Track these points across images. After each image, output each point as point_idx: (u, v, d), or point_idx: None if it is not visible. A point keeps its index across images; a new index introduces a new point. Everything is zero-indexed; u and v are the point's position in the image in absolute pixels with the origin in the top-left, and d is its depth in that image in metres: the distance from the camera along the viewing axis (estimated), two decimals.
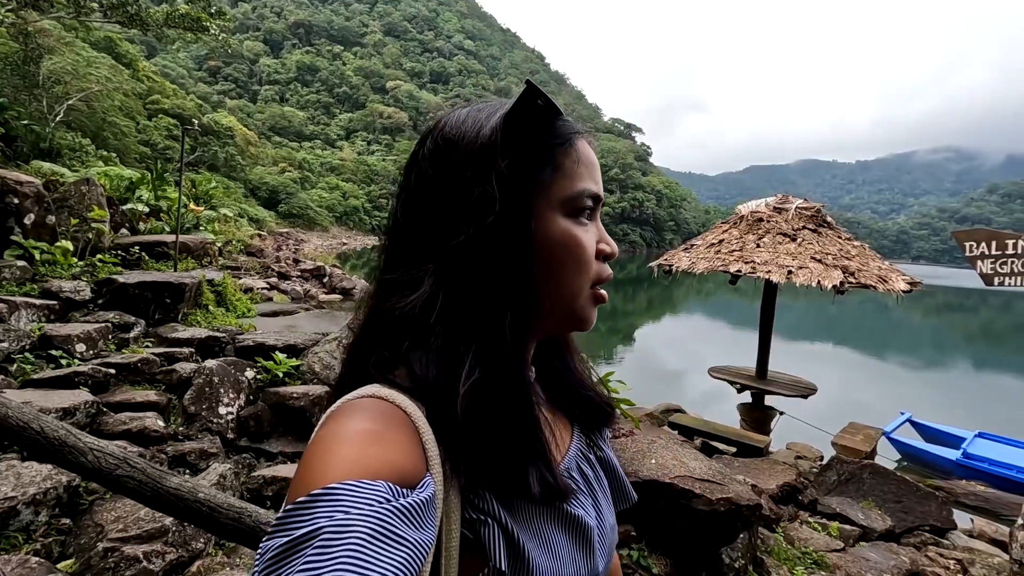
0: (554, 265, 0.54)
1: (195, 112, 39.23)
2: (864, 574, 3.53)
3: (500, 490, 0.50)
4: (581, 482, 0.63)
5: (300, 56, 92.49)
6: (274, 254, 20.54)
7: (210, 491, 1.07)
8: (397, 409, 0.47)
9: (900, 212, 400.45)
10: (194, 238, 6.15)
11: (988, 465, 6.98)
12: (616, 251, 0.60)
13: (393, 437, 0.44)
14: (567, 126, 0.57)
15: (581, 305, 0.57)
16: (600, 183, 0.59)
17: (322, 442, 0.43)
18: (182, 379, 3.38)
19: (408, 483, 0.42)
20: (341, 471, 0.39)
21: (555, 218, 0.54)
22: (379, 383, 0.50)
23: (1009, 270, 3.51)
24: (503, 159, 0.52)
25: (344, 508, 0.36)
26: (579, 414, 0.69)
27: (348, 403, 0.47)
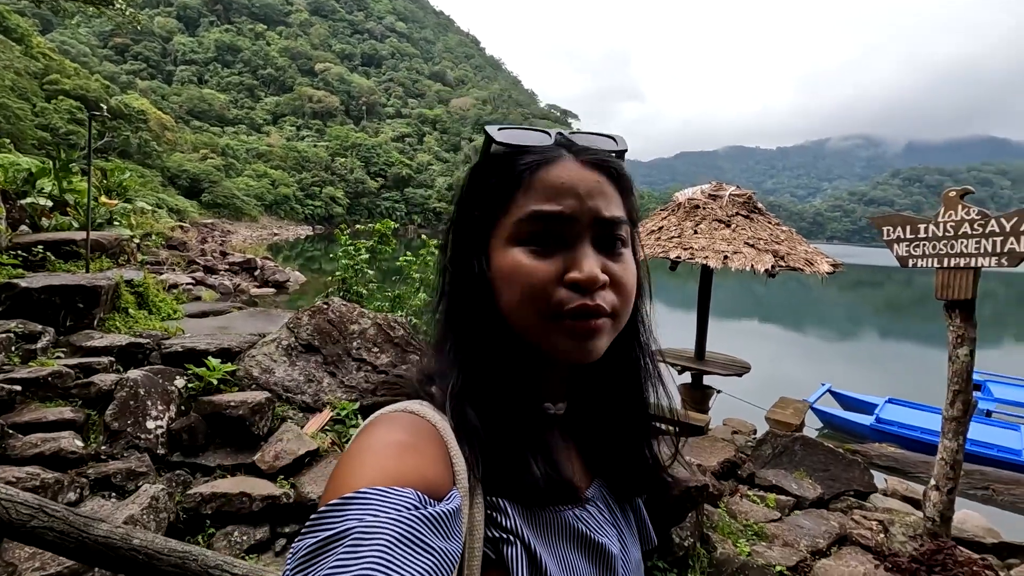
0: (504, 295, 0.54)
1: (101, 93, 35.99)
2: (799, 541, 3.76)
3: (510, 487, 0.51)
4: (606, 511, 0.63)
5: (219, 35, 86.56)
6: (198, 247, 19.36)
7: (146, 536, 0.96)
8: (427, 423, 0.50)
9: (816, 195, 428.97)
10: (108, 234, 5.60)
11: (897, 428, 7.64)
12: (589, 276, 0.51)
13: (422, 449, 0.47)
14: (530, 156, 0.55)
15: (545, 336, 0.53)
16: (575, 201, 0.53)
17: (356, 451, 0.47)
18: (102, 392, 3.07)
19: (436, 494, 0.44)
20: (372, 477, 0.42)
21: (505, 250, 0.54)
22: (417, 398, 0.55)
23: (922, 252, 3.79)
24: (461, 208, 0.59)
25: (374, 511, 0.38)
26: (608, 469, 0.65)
27: (383, 415, 0.52)
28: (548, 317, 0.52)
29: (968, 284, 3.52)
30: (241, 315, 5.39)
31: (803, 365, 13.41)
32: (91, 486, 2.52)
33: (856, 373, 12.65)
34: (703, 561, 3.30)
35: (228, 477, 2.87)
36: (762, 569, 3.31)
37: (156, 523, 2.27)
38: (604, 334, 0.54)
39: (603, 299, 0.52)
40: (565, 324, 0.52)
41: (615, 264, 0.54)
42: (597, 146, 0.58)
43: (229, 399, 3.14)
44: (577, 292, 0.52)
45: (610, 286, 0.53)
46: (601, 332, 0.53)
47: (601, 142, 0.59)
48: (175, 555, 0.93)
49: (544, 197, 0.53)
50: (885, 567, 3.38)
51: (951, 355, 3.61)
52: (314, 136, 75.83)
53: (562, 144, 0.57)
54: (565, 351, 0.53)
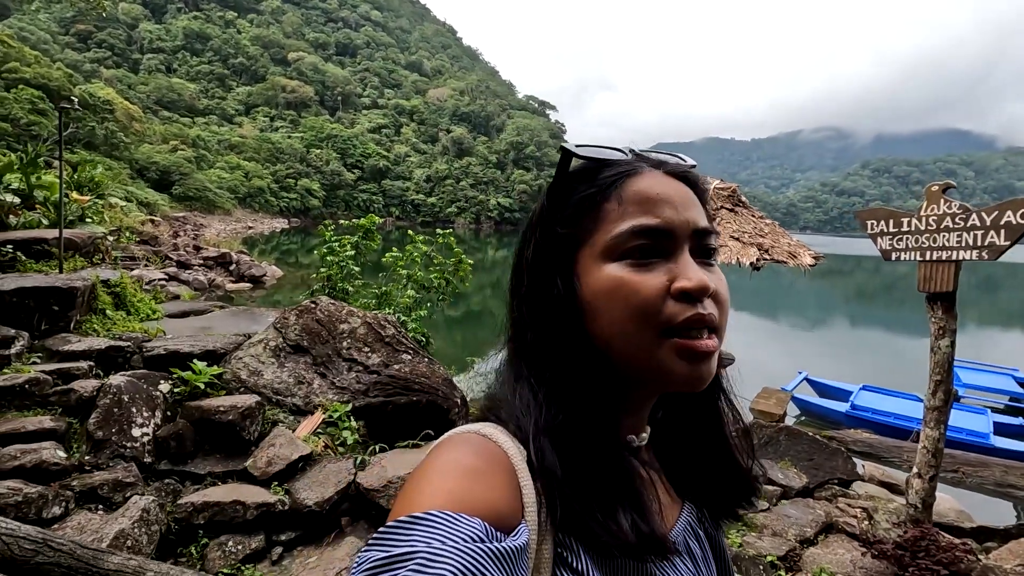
0: (603, 316, 0.50)
1: (64, 83, 34.57)
2: (788, 530, 3.84)
3: (591, 536, 0.47)
4: (689, 561, 0.58)
5: (187, 22, 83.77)
6: (171, 241, 18.88)
7: (161, 567, 0.91)
8: (499, 449, 0.48)
9: (789, 186, 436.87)
10: (81, 232, 5.37)
11: (871, 414, 7.86)
12: (699, 284, 0.48)
13: (493, 476, 0.45)
14: (613, 169, 0.54)
15: (656, 357, 0.49)
16: (672, 212, 0.51)
17: (429, 469, 0.45)
18: (83, 399, 2.95)
19: (503, 526, 0.42)
20: (441, 500, 0.41)
21: (599, 267, 0.51)
22: (491, 421, 0.53)
23: (904, 245, 3.87)
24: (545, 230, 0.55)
25: (441, 538, 0.37)
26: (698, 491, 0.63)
27: (456, 435, 0.50)
28: (658, 335, 0.49)
29: (949, 277, 3.60)
30: (223, 314, 5.24)
31: (780, 354, 13.69)
32: (76, 499, 2.42)
33: (829, 360, 12.96)
34: None
35: (219, 485, 2.79)
36: (753, 560, 3.36)
37: (148, 536, 2.19)
38: (715, 354, 0.50)
39: (711, 309, 0.50)
40: (677, 344, 0.49)
41: (712, 275, 0.51)
42: (669, 160, 0.58)
43: (218, 404, 3.05)
44: (686, 303, 0.49)
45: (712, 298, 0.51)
46: (713, 353, 0.50)
47: (671, 158, 0.58)
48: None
49: (641, 209, 0.51)
50: (871, 554, 3.46)
51: (933, 346, 3.70)
52: (288, 127, 74.21)
53: (640, 157, 0.56)
54: (678, 376, 0.49)
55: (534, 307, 0.55)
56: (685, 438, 0.62)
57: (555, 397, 0.52)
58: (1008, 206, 3.37)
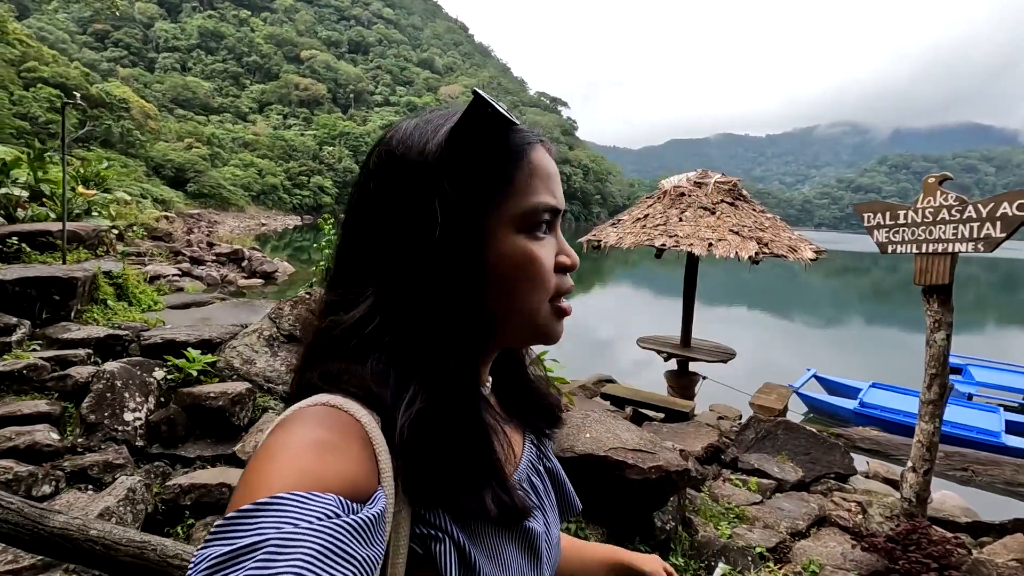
0: (510, 284, 0.52)
1: (81, 81, 35.19)
2: (780, 523, 3.83)
3: (457, 510, 0.49)
4: (532, 494, 0.62)
5: (202, 21, 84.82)
6: (184, 238, 19.13)
7: (104, 526, 0.94)
8: (351, 418, 0.45)
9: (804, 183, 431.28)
10: (85, 225, 5.48)
11: (880, 412, 7.78)
12: (577, 262, 0.58)
13: (346, 447, 0.43)
14: (520, 136, 0.54)
15: (543, 321, 0.56)
16: (559, 194, 0.57)
17: (271, 449, 0.41)
18: (78, 385, 3.03)
19: (359, 496, 0.41)
20: (290, 481, 0.38)
21: (508, 236, 0.52)
22: (332, 392, 0.47)
23: (901, 238, 3.82)
24: (448, 177, 0.50)
25: (293, 520, 0.35)
26: (532, 420, 0.69)
27: (300, 410, 0.46)
28: (548, 303, 0.55)
29: (945, 269, 3.56)
30: (224, 306, 5.33)
31: (790, 351, 13.56)
32: (67, 479, 2.49)
33: (842, 358, 12.82)
34: (685, 544, 3.35)
35: (208, 468, 2.86)
36: (742, 551, 3.36)
37: (133, 515, 2.26)
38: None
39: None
40: (557, 308, 0.56)
41: None
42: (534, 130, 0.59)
43: (209, 390, 3.12)
44: (564, 275, 0.57)
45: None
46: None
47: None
48: (133, 545, 0.93)
49: (544, 184, 0.54)
50: (862, 547, 3.44)
51: (928, 339, 3.66)
52: (301, 125, 74.81)
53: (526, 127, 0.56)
54: (554, 333, 0.57)
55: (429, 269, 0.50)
56: (509, 377, 0.69)
57: (425, 363, 0.49)
58: (1004, 198, 3.32)
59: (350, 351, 0.50)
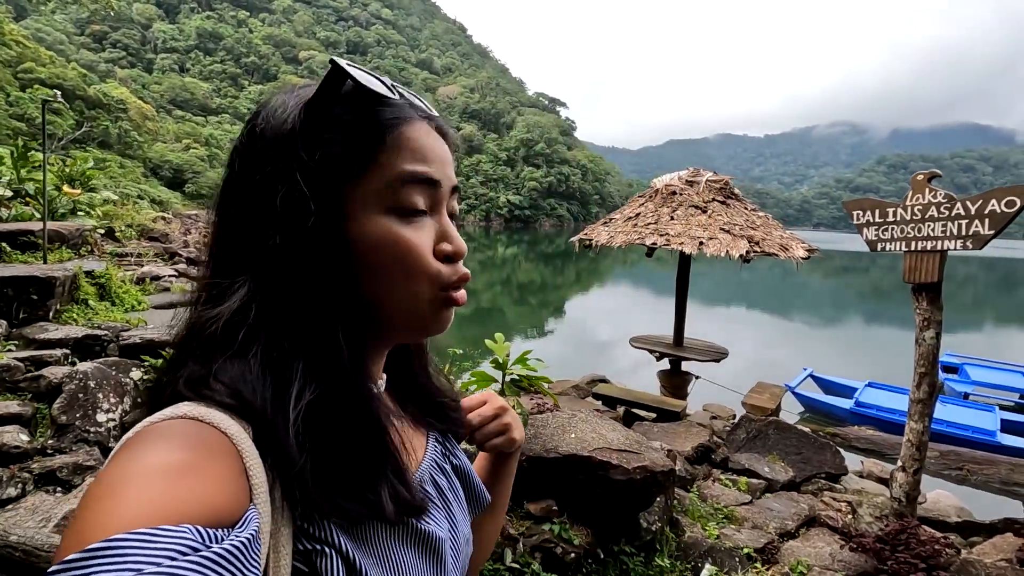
0: (378, 271, 0.48)
1: (79, 82, 35.12)
2: (768, 523, 3.79)
3: (346, 514, 0.44)
4: (435, 495, 0.60)
5: (200, 22, 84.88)
6: (182, 238, 19.06)
7: (25, 533, 0.90)
8: (215, 431, 0.39)
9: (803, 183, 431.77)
10: (69, 225, 5.42)
11: (876, 411, 7.75)
12: (462, 250, 0.53)
13: (207, 467, 0.37)
14: (394, 110, 0.50)
15: (422, 311, 0.51)
16: (443, 172, 0.52)
17: (108, 480, 0.34)
18: (52, 385, 2.97)
19: (227, 520, 0.35)
20: (132, 517, 0.31)
21: (372, 217, 0.48)
22: (194, 401, 0.42)
23: (890, 236, 3.79)
24: (304, 152, 0.46)
25: (134, 565, 0.29)
26: (433, 421, 0.66)
27: (151, 427, 0.39)
28: (434, 292, 0.51)
29: (934, 267, 3.52)
30: None
31: (785, 351, 13.53)
32: (35, 481, 2.43)
33: (839, 358, 12.79)
34: (671, 545, 3.30)
35: None
36: (730, 551, 3.32)
37: None
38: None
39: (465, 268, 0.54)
40: (443, 298, 0.52)
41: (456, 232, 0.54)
42: (427, 109, 0.55)
43: None
44: (451, 264, 0.52)
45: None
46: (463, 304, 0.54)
47: (425, 105, 0.55)
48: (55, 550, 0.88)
49: (414, 158, 0.49)
50: (850, 547, 3.41)
51: (918, 337, 3.63)
52: None
53: (407, 102, 0.52)
54: (436, 325, 0.53)
55: (291, 257, 0.46)
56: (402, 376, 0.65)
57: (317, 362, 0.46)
58: (992, 194, 3.29)
59: (223, 348, 0.45)
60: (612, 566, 3.06)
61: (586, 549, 2.82)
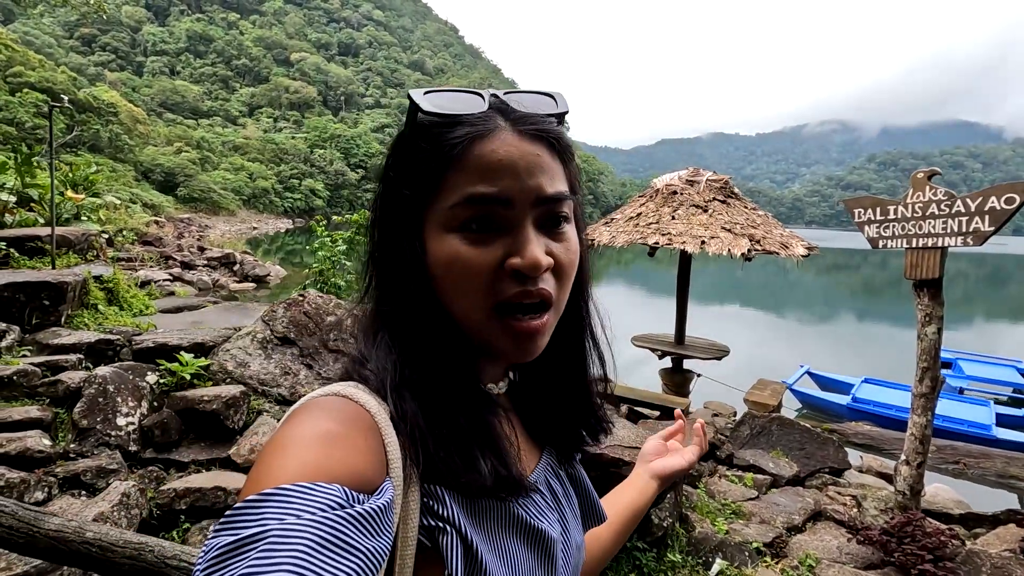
0: (444, 285, 0.52)
1: (68, 86, 34.86)
2: (775, 518, 3.85)
3: (453, 481, 0.49)
4: (548, 496, 0.62)
5: (190, 24, 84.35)
6: (175, 242, 18.98)
7: (101, 529, 0.94)
8: (360, 408, 0.46)
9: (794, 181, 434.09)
10: (75, 230, 5.42)
11: (873, 407, 7.84)
12: (532, 262, 0.48)
13: (354, 438, 0.43)
14: (462, 129, 0.50)
15: (486, 334, 0.52)
16: (514, 181, 0.49)
17: (280, 441, 0.42)
18: (70, 390, 3.00)
19: (367, 487, 0.41)
20: (295, 472, 0.38)
21: (441, 237, 0.50)
22: (352, 380, 0.51)
23: (891, 233, 3.86)
24: (386, 184, 0.55)
25: (296, 511, 0.35)
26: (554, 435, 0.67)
27: (312, 401, 0.47)
28: (491, 310, 0.50)
29: (935, 264, 3.59)
30: (216, 309, 5.29)
31: (783, 348, 13.64)
32: (60, 485, 2.46)
33: (835, 354, 12.91)
34: (682, 540, 3.35)
35: (203, 472, 2.83)
36: (739, 546, 3.37)
37: (128, 519, 2.24)
38: (546, 332, 0.53)
39: (547, 284, 0.51)
40: (506, 323, 0.50)
41: (557, 245, 0.52)
42: (535, 109, 0.53)
43: (202, 394, 3.09)
44: (518, 280, 0.49)
45: (552, 270, 0.51)
46: (543, 331, 0.52)
47: (540, 103, 0.54)
48: (130, 547, 0.92)
49: (480, 177, 0.49)
50: (857, 540, 3.46)
51: (920, 333, 3.69)
52: (292, 128, 74.52)
53: (498, 109, 0.52)
54: (506, 352, 0.53)
55: (387, 269, 0.55)
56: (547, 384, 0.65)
57: (410, 352, 0.52)
58: (992, 192, 3.36)
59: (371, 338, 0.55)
60: (625, 562, 3.11)
61: None
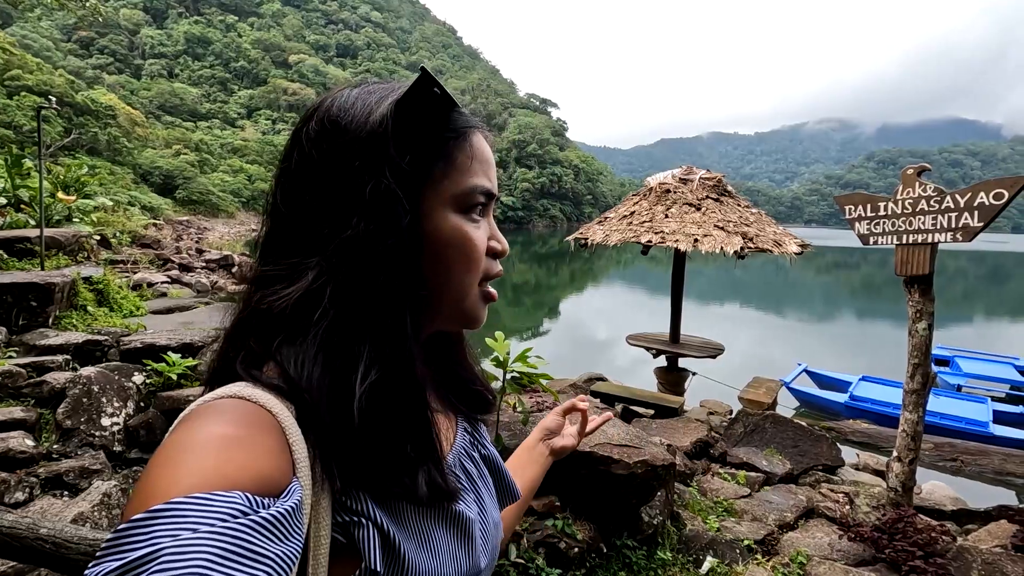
0: (443, 262, 0.54)
1: (66, 89, 34.82)
2: (768, 515, 3.83)
3: (382, 493, 0.48)
4: (464, 479, 0.62)
5: (188, 27, 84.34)
6: (173, 244, 18.99)
7: (55, 526, 0.92)
8: (262, 410, 0.43)
9: (794, 180, 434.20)
10: (65, 231, 5.40)
11: (870, 405, 7.82)
12: (507, 248, 0.61)
13: (255, 441, 0.40)
14: (462, 119, 0.55)
15: (471, 303, 0.58)
16: (494, 180, 0.58)
17: (169, 450, 0.39)
18: (55, 391, 2.98)
19: (273, 490, 0.39)
20: (189, 483, 0.35)
21: (445, 214, 0.53)
22: (245, 381, 0.46)
23: (882, 230, 3.85)
24: (394, 149, 0.50)
25: (191, 525, 0.32)
26: (463, 407, 0.69)
27: (205, 404, 0.43)
28: (477, 286, 0.57)
29: (925, 260, 3.58)
30: (207, 310, 5.27)
31: (780, 346, 13.63)
32: (41, 485, 2.45)
33: (833, 352, 12.90)
34: (672, 538, 3.34)
35: None
36: (730, 544, 3.36)
37: (108, 519, 2.22)
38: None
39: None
40: (484, 293, 0.59)
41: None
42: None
43: (189, 394, 3.08)
44: (495, 259, 0.60)
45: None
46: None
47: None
48: (84, 543, 0.91)
49: (481, 168, 0.55)
50: (849, 537, 3.45)
51: (911, 329, 3.69)
52: (290, 129, 73.33)
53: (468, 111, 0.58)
54: (479, 318, 0.59)
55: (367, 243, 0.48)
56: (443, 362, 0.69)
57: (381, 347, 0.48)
58: (981, 187, 3.36)
59: (284, 329, 0.48)
60: (615, 560, 3.09)
61: (589, 543, 2.85)
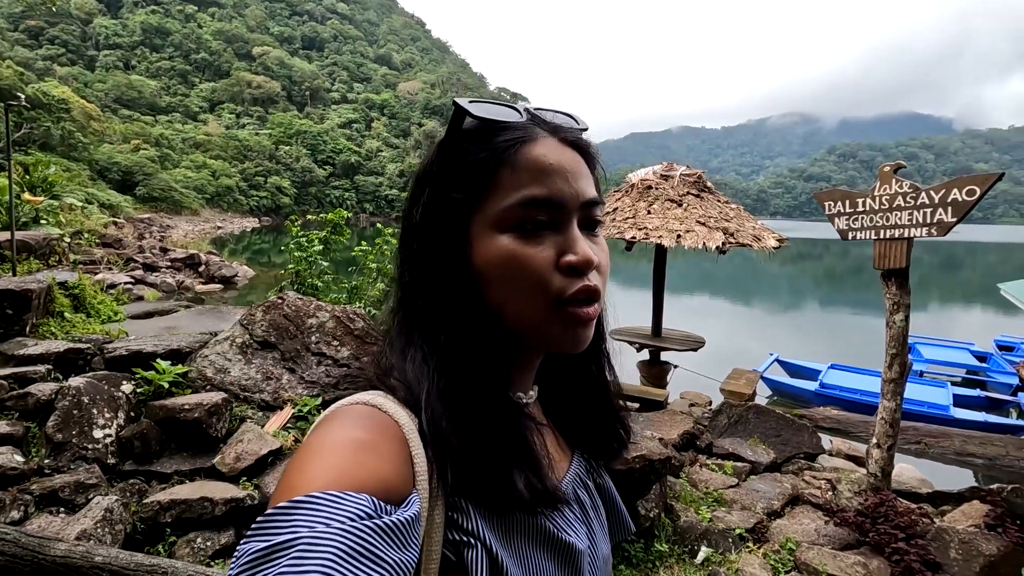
0: (497, 285, 0.52)
1: (15, 81, 33.10)
2: (756, 504, 3.96)
3: (486, 498, 0.49)
4: (577, 508, 0.61)
5: (145, 16, 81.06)
6: (136, 244, 18.35)
7: (109, 552, 0.91)
8: (389, 419, 0.47)
9: (759, 173, 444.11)
10: (35, 234, 5.17)
11: (839, 392, 8.12)
12: (586, 258, 0.51)
13: (383, 448, 0.44)
14: (509, 134, 0.52)
15: (549, 326, 0.52)
16: (564, 184, 0.52)
17: (310, 447, 0.43)
18: (40, 403, 2.87)
19: (394, 498, 0.41)
20: (326, 480, 0.39)
21: (492, 237, 0.51)
22: (377, 390, 0.51)
23: (860, 225, 4.00)
24: (431, 187, 0.54)
25: (325, 520, 0.36)
26: (586, 440, 0.66)
27: (341, 408, 0.48)
28: (549, 306, 0.51)
29: (902, 254, 3.74)
30: (189, 314, 5.13)
31: (753, 337, 13.99)
32: (36, 502, 2.36)
33: (801, 341, 13.31)
34: (668, 530, 3.43)
35: (187, 482, 2.76)
36: (723, 533, 3.47)
37: (112, 536, 2.16)
38: (595, 320, 0.54)
39: (595, 280, 0.53)
40: (565, 312, 0.51)
41: (595, 246, 0.54)
42: (564, 123, 0.56)
43: (182, 402, 3.00)
44: (574, 276, 0.51)
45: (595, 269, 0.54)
46: (593, 319, 0.54)
47: (565, 120, 0.57)
48: (142, 569, 0.89)
49: (533, 179, 0.51)
50: (834, 522, 3.60)
51: (888, 321, 3.84)
52: (255, 124, 72.48)
53: (533, 119, 0.55)
54: (561, 341, 0.53)
55: (426, 271, 0.54)
56: (571, 393, 0.65)
57: (448, 361, 0.51)
58: (954, 184, 3.51)
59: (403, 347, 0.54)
60: (614, 554, 3.16)
61: None
